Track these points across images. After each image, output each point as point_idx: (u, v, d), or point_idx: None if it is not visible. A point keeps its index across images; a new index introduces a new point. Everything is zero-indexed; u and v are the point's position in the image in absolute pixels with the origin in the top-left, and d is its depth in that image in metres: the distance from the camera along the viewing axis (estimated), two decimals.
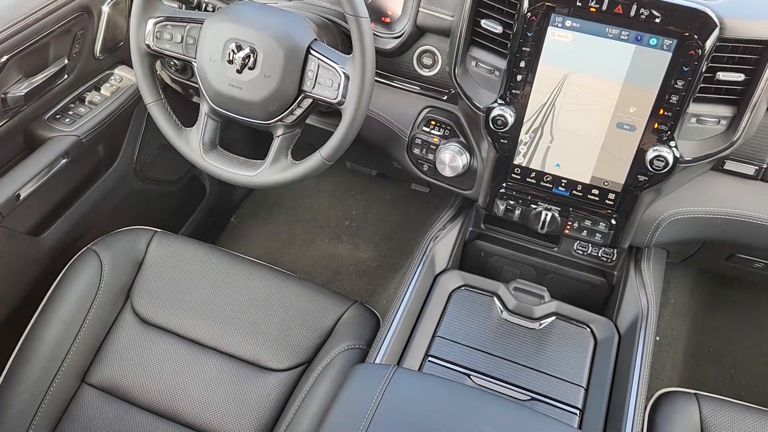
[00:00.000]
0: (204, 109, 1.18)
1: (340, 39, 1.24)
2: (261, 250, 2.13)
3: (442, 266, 1.33)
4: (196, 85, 1.19)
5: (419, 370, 1.13)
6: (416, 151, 1.31)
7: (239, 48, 1.08)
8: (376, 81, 1.25)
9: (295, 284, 1.33)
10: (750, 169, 1.14)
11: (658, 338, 1.86)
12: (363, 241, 2.17)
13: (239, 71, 1.09)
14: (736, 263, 1.38)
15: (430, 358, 1.15)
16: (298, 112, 1.13)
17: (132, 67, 1.21)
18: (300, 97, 1.11)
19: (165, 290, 1.31)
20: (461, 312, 1.24)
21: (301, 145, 1.22)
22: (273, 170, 1.16)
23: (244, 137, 1.95)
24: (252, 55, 1.08)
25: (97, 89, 1.45)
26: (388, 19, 1.24)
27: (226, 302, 1.30)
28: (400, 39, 1.21)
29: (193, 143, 1.21)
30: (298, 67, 1.08)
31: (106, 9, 1.37)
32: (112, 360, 1.24)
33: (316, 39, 1.10)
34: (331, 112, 1.35)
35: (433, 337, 1.19)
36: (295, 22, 1.10)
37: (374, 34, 1.21)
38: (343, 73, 1.06)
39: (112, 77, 1.49)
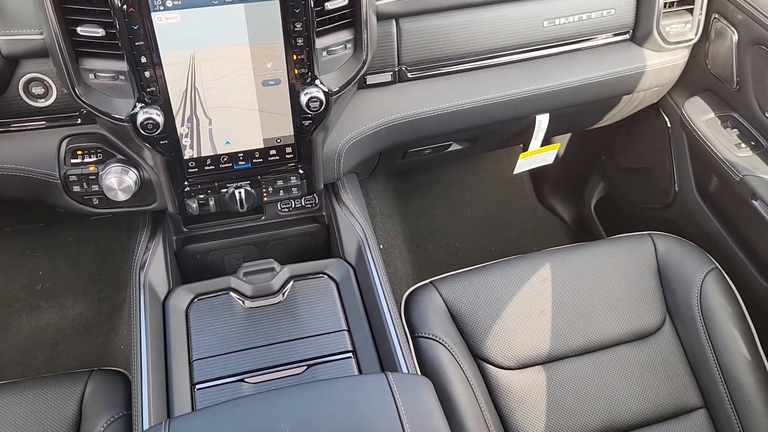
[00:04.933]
0: None
1: None
2: None
3: (164, 290, 1.23)
4: None
5: (192, 405, 1.05)
6: (76, 189, 1.15)
7: None
8: None
9: (7, 391, 1.12)
10: (387, 77, 1.26)
11: (381, 246, 2.03)
12: (67, 296, 1.91)
13: None
14: (411, 157, 1.54)
15: (197, 387, 1.08)
16: None
17: None
18: None
19: None
20: (205, 324, 1.17)
21: None
22: None
23: None
24: None
25: None
26: None
27: None
28: None
29: None
30: None
31: None
32: None
33: None
34: None
35: (189, 364, 1.11)
36: None
37: None
38: None
39: None
